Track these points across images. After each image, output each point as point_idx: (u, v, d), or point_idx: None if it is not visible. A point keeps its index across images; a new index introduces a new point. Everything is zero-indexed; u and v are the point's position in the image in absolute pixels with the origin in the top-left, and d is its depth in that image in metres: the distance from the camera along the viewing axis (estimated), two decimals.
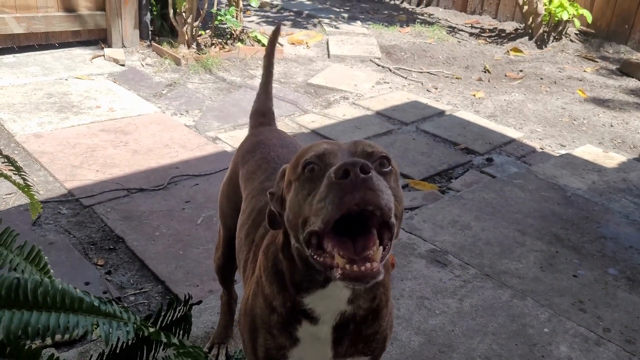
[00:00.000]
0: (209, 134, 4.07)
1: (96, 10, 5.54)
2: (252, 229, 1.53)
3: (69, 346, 2.09)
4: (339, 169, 0.95)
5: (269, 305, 1.24)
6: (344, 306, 1.17)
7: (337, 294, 1.15)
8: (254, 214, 1.56)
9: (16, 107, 4.14)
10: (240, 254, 1.59)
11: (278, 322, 1.24)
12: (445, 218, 3.12)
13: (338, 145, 1.11)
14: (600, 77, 6.06)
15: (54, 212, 2.97)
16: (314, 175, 1.04)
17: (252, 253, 1.46)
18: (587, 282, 2.68)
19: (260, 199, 1.59)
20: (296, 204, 1.06)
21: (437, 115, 4.74)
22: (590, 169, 3.83)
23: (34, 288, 0.82)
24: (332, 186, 0.96)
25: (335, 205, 0.95)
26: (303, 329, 1.22)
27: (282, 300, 1.21)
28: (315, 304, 1.17)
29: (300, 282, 1.16)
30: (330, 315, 1.19)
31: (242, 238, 1.58)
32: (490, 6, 8.11)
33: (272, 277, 1.23)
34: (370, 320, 1.25)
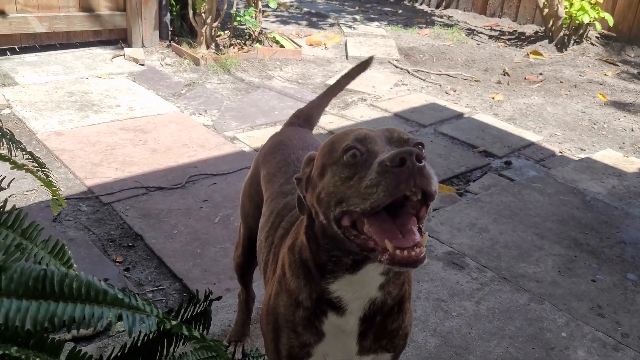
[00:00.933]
0: (227, 134, 4.09)
1: (117, 10, 5.60)
2: (272, 231, 1.55)
3: (88, 341, 2.12)
4: (395, 157, 0.98)
5: (294, 301, 1.25)
6: (375, 292, 1.18)
7: (368, 280, 1.15)
8: (273, 216, 1.58)
9: (38, 105, 4.20)
10: (261, 256, 1.60)
11: (303, 317, 1.24)
12: (463, 221, 3.11)
13: (374, 132, 1.13)
14: (622, 81, 5.99)
15: (74, 209, 3.01)
16: (356, 160, 1.07)
17: (272, 254, 1.48)
18: (605, 287, 2.66)
19: (279, 202, 1.60)
20: (332, 185, 1.08)
21: (455, 118, 4.72)
22: (610, 173, 3.79)
23: (60, 280, 0.84)
24: (387, 173, 0.99)
25: (389, 192, 0.98)
26: (329, 322, 1.22)
27: (308, 292, 1.22)
28: (342, 291, 1.17)
29: (324, 264, 1.17)
30: (359, 304, 1.19)
31: (262, 240, 1.60)
32: (510, 9, 8.06)
33: (298, 271, 1.24)
34: (395, 313, 1.26)
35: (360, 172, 1.04)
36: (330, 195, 1.08)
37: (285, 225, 1.46)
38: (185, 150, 3.72)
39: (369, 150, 1.07)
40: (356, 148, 1.07)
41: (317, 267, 1.19)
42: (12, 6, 5.00)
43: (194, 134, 3.97)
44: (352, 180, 1.05)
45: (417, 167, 0.97)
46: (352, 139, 1.10)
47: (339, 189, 1.07)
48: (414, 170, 0.97)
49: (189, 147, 3.77)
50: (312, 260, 1.19)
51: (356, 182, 1.04)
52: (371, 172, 1.01)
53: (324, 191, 1.10)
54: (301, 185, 1.23)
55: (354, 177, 1.05)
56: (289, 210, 1.51)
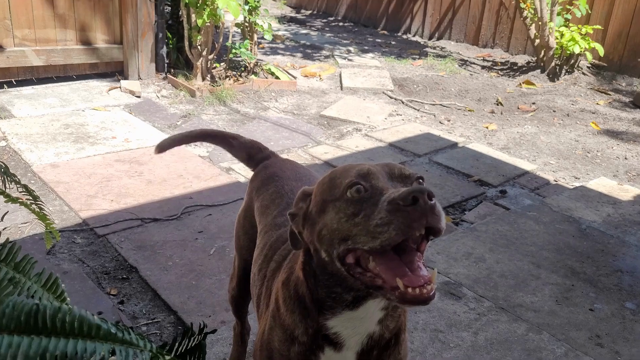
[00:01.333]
0: (223, 165, 4.10)
1: (114, 43, 5.66)
2: (264, 264, 1.54)
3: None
4: (407, 196, 0.98)
5: (289, 336, 1.24)
6: (373, 327, 1.17)
7: (369, 315, 1.15)
8: (266, 249, 1.57)
9: (34, 137, 4.21)
10: (254, 289, 1.59)
11: (299, 352, 1.23)
12: (459, 250, 3.10)
13: (376, 167, 1.14)
14: (614, 110, 6.06)
15: (68, 242, 2.99)
16: (361, 196, 1.06)
17: (265, 288, 1.47)
18: (604, 316, 2.64)
19: (272, 234, 1.60)
20: (336, 222, 1.08)
21: (449, 147, 4.75)
22: (605, 201, 3.81)
23: (53, 314, 0.83)
24: (399, 212, 0.98)
25: (402, 230, 0.98)
26: (325, 358, 1.21)
27: (304, 328, 1.21)
28: (341, 327, 1.17)
29: (323, 300, 1.16)
30: (357, 339, 1.18)
31: (256, 273, 1.59)
32: (502, 40, 8.18)
33: (293, 306, 1.23)
34: (392, 346, 1.25)
35: (365, 209, 1.04)
36: (334, 233, 1.08)
37: (277, 259, 1.46)
38: (180, 182, 3.72)
39: (373, 186, 1.07)
40: (360, 184, 1.07)
41: (314, 303, 1.18)
42: (9, 40, 5.05)
43: (189, 165, 3.98)
44: (358, 217, 1.04)
45: (429, 205, 0.98)
46: (355, 174, 1.10)
47: (343, 226, 1.06)
48: (426, 209, 0.97)
49: (184, 178, 3.77)
50: (309, 296, 1.19)
51: (363, 219, 1.03)
52: (380, 210, 1.01)
53: (326, 228, 1.10)
54: (296, 221, 1.22)
55: (359, 214, 1.04)
56: (281, 243, 1.51)
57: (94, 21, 5.49)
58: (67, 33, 5.36)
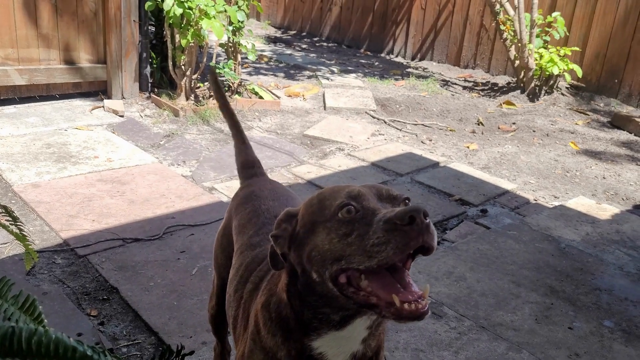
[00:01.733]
0: (206, 184, 4.10)
1: (97, 63, 5.66)
2: (240, 284, 1.53)
3: None
4: (404, 215, 1.00)
5: (271, 358, 1.24)
6: (357, 346, 1.19)
7: (354, 335, 1.16)
8: (242, 269, 1.57)
9: (15, 157, 4.18)
10: (230, 310, 1.58)
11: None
12: (440, 269, 3.12)
13: (364, 188, 1.16)
14: (592, 130, 6.17)
15: (48, 262, 2.97)
16: (353, 217, 1.08)
17: (242, 310, 1.46)
18: (582, 334, 2.67)
19: (247, 255, 1.60)
20: (327, 243, 1.09)
21: (431, 167, 4.80)
22: (583, 220, 3.86)
23: (29, 337, 0.83)
24: (396, 231, 1.01)
25: (400, 249, 1.00)
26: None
27: (287, 350, 1.21)
28: (326, 347, 1.18)
29: (309, 321, 1.17)
30: (341, 358, 1.19)
31: (231, 294, 1.58)
32: (482, 61, 8.31)
33: (274, 329, 1.23)
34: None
35: (358, 228, 1.06)
36: (326, 253, 1.09)
37: (254, 280, 1.46)
38: (163, 201, 3.72)
39: (364, 207, 1.09)
40: (351, 205, 1.09)
41: (299, 324, 1.19)
42: None
43: (172, 185, 3.98)
44: (351, 237, 1.06)
45: (425, 224, 1.00)
46: (346, 196, 1.12)
47: (336, 247, 1.08)
48: (423, 228, 1.00)
49: (167, 198, 3.77)
50: (293, 318, 1.19)
51: (357, 239, 1.05)
52: (376, 230, 1.03)
53: (317, 249, 1.11)
54: (279, 242, 1.22)
55: (352, 234, 1.06)
56: (257, 264, 1.51)
57: (78, 41, 5.50)
58: (50, 52, 5.36)
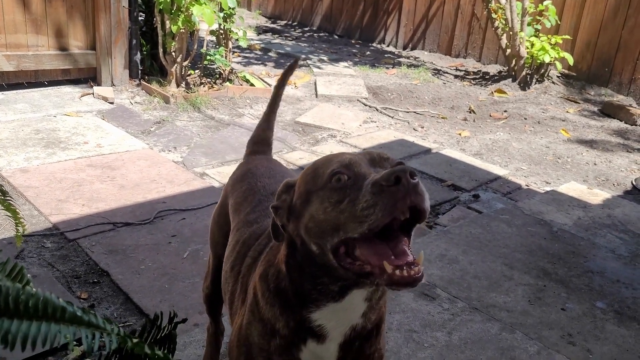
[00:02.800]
0: (197, 170, 4.07)
1: (87, 49, 5.59)
2: (238, 260, 1.52)
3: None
4: (390, 176, 0.98)
5: (269, 329, 1.22)
6: (357, 319, 1.16)
7: (353, 307, 1.14)
8: (239, 245, 1.55)
9: (3, 142, 4.13)
10: (226, 286, 1.57)
11: (280, 345, 1.21)
12: (433, 252, 3.12)
13: (357, 156, 1.14)
14: (583, 118, 6.18)
15: (37, 246, 2.93)
16: (344, 184, 1.06)
17: (240, 284, 1.45)
18: (575, 315, 2.67)
19: (244, 231, 1.59)
20: (322, 212, 1.07)
21: (423, 153, 4.79)
22: (575, 205, 3.87)
23: (16, 296, 0.81)
24: (382, 193, 0.98)
25: (387, 211, 0.98)
26: (307, 350, 1.20)
27: (285, 321, 1.19)
28: (325, 319, 1.15)
29: (308, 293, 1.14)
30: (340, 331, 1.17)
31: (228, 270, 1.57)
32: (474, 50, 8.29)
33: (273, 299, 1.21)
34: (373, 337, 1.24)
35: (350, 194, 1.04)
36: (322, 223, 1.07)
37: (252, 254, 1.44)
38: (154, 186, 3.68)
39: (356, 173, 1.07)
40: (342, 172, 1.07)
41: (297, 296, 1.17)
42: None
43: (163, 170, 3.94)
44: (342, 204, 1.04)
45: (412, 184, 0.98)
46: (337, 164, 1.10)
47: (329, 215, 1.05)
48: (409, 188, 0.97)
49: (157, 183, 3.73)
50: (292, 290, 1.17)
51: (348, 205, 1.03)
52: (365, 193, 1.00)
53: (313, 220, 1.09)
54: (280, 213, 1.20)
55: (343, 201, 1.04)
56: (255, 239, 1.49)
57: (67, 27, 5.43)
58: (39, 38, 5.28)
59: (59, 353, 2.21)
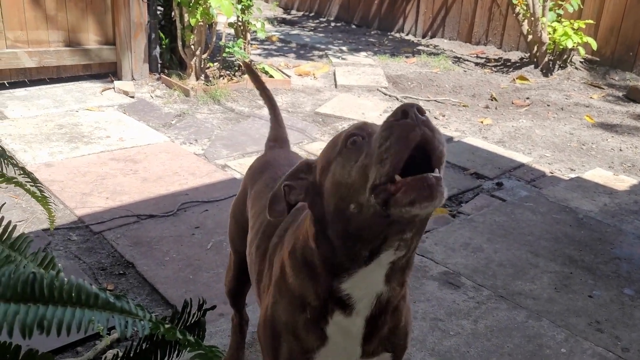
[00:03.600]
0: (218, 162, 4.09)
1: (106, 44, 5.64)
2: (263, 241, 1.53)
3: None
4: (397, 112, 0.99)
5: (299, 303, 1.23)
6: (382, 286, 1.15)
7: (378, 269, 1.12)
8: (264, 226, 1.56)
9: (27, 137, 4.18)
10: (253, 267, 1.58)
11: (307, 319, 1.22)
12: (456, 241, 3.09)
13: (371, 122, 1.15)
14: (607, 104, 6.07)
15: (64, 239, 2.97)
16: (359, 145, 1.07)
17: (267, 263, 1.45)
18: (603, 302, 2.64)
19: None
20: (347, 175, 1.06)
21: (445, 142, 4.74)
22: (601, 191, 3.81)
23: (50, 283, 0.81)
24: (392, 128, 0.99)
25: (401, 142, 0.97)
26: (334, 323, 1.20)
27: (315, 293, 1.20)
28: (353, 287, 1.15)
29: (340, 264, 1.14)
30: (366, 302, 1.16)
31: (253, 252, 1.58)
32: (494, 37, 8.19)
33: (303, 274, 1.22)
34: (399, 311, 1.25)
35: (366, 149, 1.04)
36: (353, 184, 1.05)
37: (279, 233, 1.45)
38: (176, 179, 3.70)
39: (369, 133, 1.08)
40: (356, 135, 1.09)
41: (328, 269, 1.16)
42: (1, 42, 5.03)
43: (184, 163, 3.96)
44: (361, 158, 1.04)
45: (419, 118, 0.98)
46: (351, 128, 1.12)
47: (356, 173, 1.04)
48: (418, 120, 0.98)
49: (179, 176, 3.75)
50: (322, 264, 1.17)
51: (367, 158, 1.03)
52: (377, 137, 1.01)
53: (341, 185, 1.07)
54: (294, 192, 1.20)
55: (362, 156, 1.05)
56: (279, 221, 1.50)
57: (86, 22, 5.47)
58: (59, 34, 5.34)
59: (88, 343, 2.24)
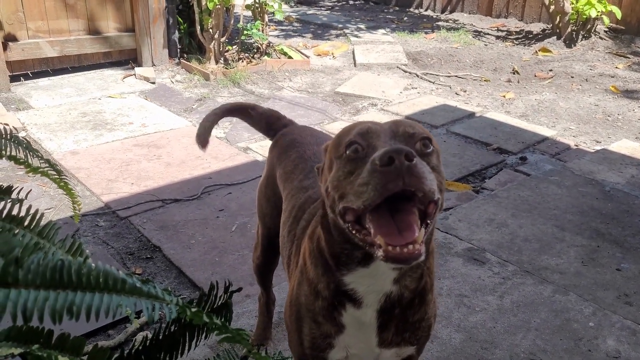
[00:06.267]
0: (240, 145, 4.10)
1: (125, 31, 5.66)
2: (294, 224, 1.55)
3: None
4: (383, 156, 0.96)
5: (314, 290, 1.24)
6: (389, 286, 1.15)
7: (381, 274, 1.14)
8: (295, 210, 1.58)
9: (52, 126, 4.24)
10: (284, 250, 1.60)
11: (323, 307, 1.23)
12: (480, 217, 3.07)
13: (380, 125, 1.12)
14: (633, 73, 5.93)
15: (91, 225, 3.03)
16: (357, 156, 1.06)
17: (295, 246, 1.48)
18: (631, 275, 2.61)
19: (300, 197, 1.60)
20: (336, 180, 1.08)
21: (467, 117, 4.70)
22: (628, 163, 3.74)
23: (78, 269, 0.83)
24: (375, 173, 0.98)
25: (378, 191, 0.97)
26: (348, 314, 1.21)
27: (326, 282, 1.21)
28: (356, 284, 1.16)
29: (338, 255, 1.16)
30: (374, 297, 1.17)
31: (285, 235, 1.60)
32: (515, 9, 8.03)
33: (316, 260, 1.23)
34: (417, 305, 1.23)
35: (359, 167, 1.04)
36: (335, 190, 1.08)
37: (307, 217, 1.47)
38: (199, 163, 3.73)
39: (370, 145, 1.06)
40: (358, 143, 1.07)
41: (332, 257, 1.18)
42: (23, 32, 5.08)
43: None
44: (352, 176, 1.05)
45: (405, 166, 0.95)
46: (355, 133, 1.09)
47: (340, 184, 1.07)
48: (402, 170, 0.95)
49: (202, 160, 3.78)
50: (327, 250, 1.18)
51: (354, 178, 1.03)
52: (364, 170, 1.01)
53: (330, 185, 1.11)
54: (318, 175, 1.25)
55: (354, 173, 1.04)
56: (310, 204, 1.51)
57: (105, 10, 5.50)
58: (79, 23, 5.38)
59: (119, 326, 2.29)
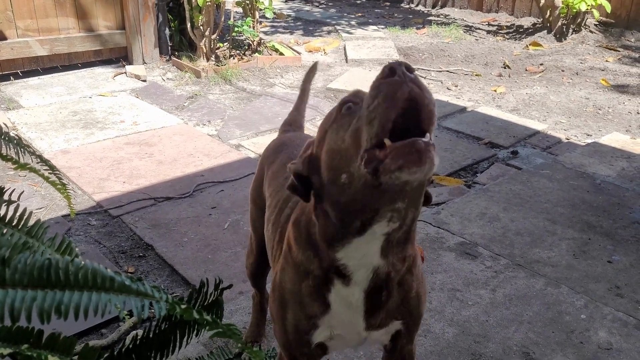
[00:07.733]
0: (232, 142, 4.10)
1: (116, 29, 5.64)
2: (277, 216, 1.55)
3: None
4: (384, 70, 0.96)
5: (302, 272, 1.24)
6: (377, 259, 1.15)
7: (373, 242, 1.11)
8: (280, 204, 1.58)
9: (43, 125, 4.22)
10: (269, 243, 1.60)
11: (310, 286, 1.23)
12: (472, 211, 3.08)
13: None
14: (623, 66, 5.96)
15: (83, 224, 3.02)
16: (353, 110, 1.04)
17: (278, 234, 1.48)
18: (622, 267, 2.62)
19: (284, 192, 1.60)
20: (340, 141, 1.04)
21: (458, 112, 4.71)
22: (618, 156, 3.76)
23: (65, 268, 0.83)
24: (380, 86, 0.96)
25: (390, 101, 0.93)
26: (335, 292, 1.21)
27: (318, 262, 1.21)
28: (348, 257, 1.15)
29: (334, 235, 1.14)
30: (363, 273, 1.16)
31: (270, 229, 1.60)
32: (506, 3, 8.05)
33: (305, 244, 1.23)
34: (405, 284, 1.25)
35: (359, 114, 1.01)
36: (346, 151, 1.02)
37: (292, 205, 1.47)
38: (191, 160, 3.72)
39: (362, 99, 1.04)
40: (351, 101, 1.06)
41: (325, 239, 1.17)
42: (12, 31, 5.05)
43: (198, 144, 3.98)
44: (354, 122, 1.02)
45: (408, 76, 0.95)
46: (347, 95, 1.10)
47: (349, 139, 1.02)
48: (405, 77, 0.94)
49: (194, 157, 3.77)
50: (321, 234, 1.18)
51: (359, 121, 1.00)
52: (366, 98, 0.98)
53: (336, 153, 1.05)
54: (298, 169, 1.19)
55: (354, 120, 1.02)
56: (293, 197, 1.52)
57: (95, 8, 5.47)
58: (69, 21, 5.35)
59: (111, 325, 2.29)
